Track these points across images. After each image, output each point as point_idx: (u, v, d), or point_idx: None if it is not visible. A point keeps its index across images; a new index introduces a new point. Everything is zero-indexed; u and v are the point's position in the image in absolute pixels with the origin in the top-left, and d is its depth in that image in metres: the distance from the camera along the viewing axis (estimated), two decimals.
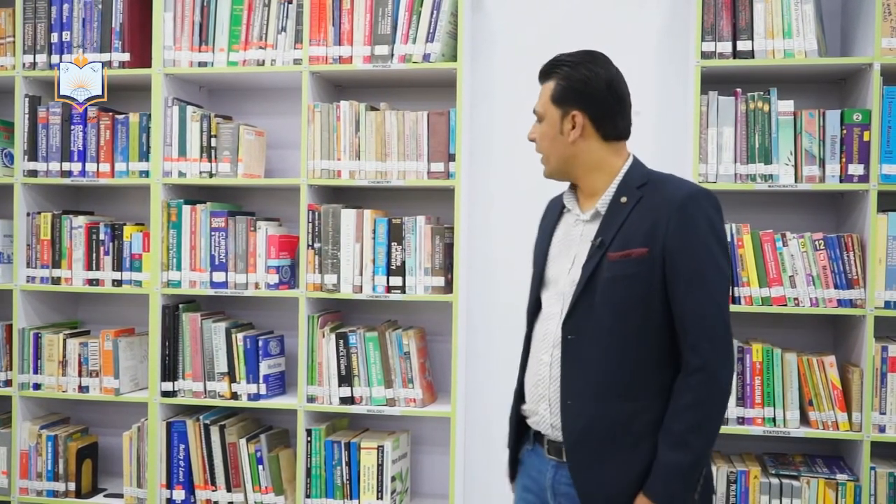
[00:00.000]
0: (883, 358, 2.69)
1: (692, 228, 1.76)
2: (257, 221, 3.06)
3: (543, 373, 1.89)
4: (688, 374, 1.74)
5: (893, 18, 2.68)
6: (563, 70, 1.88)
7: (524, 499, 2.00)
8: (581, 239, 1.89)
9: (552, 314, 1.90)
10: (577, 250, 1.88)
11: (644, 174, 1.90)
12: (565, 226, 1.96)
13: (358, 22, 2.98)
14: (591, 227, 1.89)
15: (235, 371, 3.03)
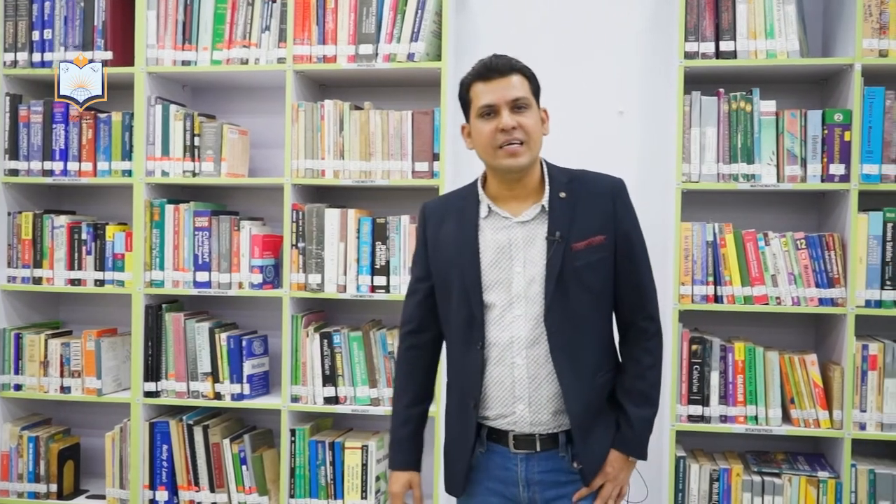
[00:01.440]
0: (864, 356, 2.71)
1: (631, 212, 2.01)
2: (241, 221, 3.05)
3: (519, 375, 1.92)
4: (647, 340, 2.02)
5: (874, 19, 2.71)
6: (522, 67, 1.95)
7: (488, 502, 2.00)
8: (525, 240, 1.93)
9: (514, 317, 1.92)
10: (526, 251, 1.92)
11: (563, 170, 2.02)
12: (492, 231, 1.95)
13: (342, 21, 2.97)
14: (533, 226, 1.94)
15: (219, 371, 3.02)
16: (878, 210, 2.72)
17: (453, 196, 2.07)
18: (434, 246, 2.02)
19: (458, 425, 2.01)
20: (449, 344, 2.05)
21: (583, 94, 3.15)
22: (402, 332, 2.11)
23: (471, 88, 1.95)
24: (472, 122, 1.97)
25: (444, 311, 2.01)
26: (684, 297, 2.79)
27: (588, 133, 3.15)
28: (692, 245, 2.80)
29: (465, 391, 1.97)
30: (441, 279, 2.00)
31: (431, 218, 2.04)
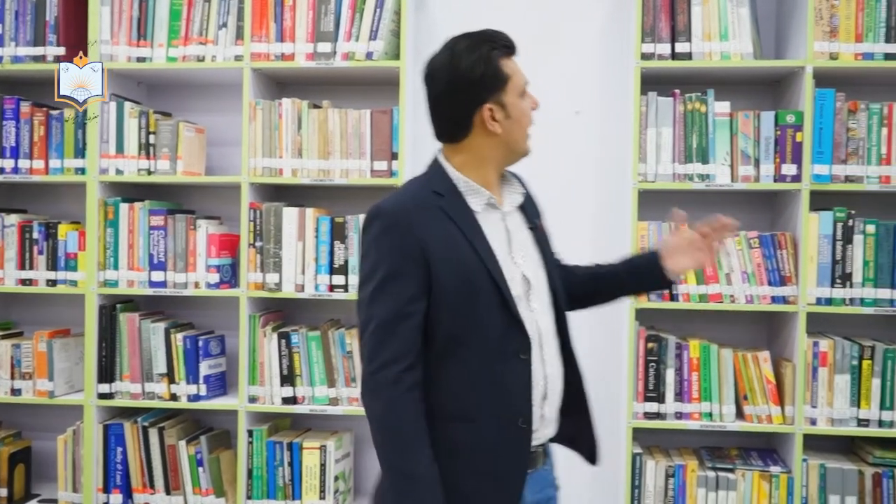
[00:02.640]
0: (814, 353, 2.77)
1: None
2: (197, 220, 3.01)
3: (550, 372, 1.78)
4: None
5: (825, 23, 2.76)
6: None
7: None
8: (515, 230, 1.82)
9: (535, 312, 1.77)
10: (519, 241, 1.81)
11: None
12: (489, 225, 1.77)
13: (300, 19, 2.95)
14: (515, 216, 1.85)
15: (175, 372, 2.98)
16: (829, 210, 2.78)
17: (419, 192, 1.77)
18: (436, 249, 1.68)
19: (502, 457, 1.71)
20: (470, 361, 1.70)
21: (540, 94, 3.13)
22: (398, 371, 1.65)
23: (502, 63, 1.76)
24: (510, 102, 1.76)
25: (462, 324, 1.69)
26: (641, 296, 2.82)
27: (545, 133, 3.14)
28: (648, 244, 2.83)
29: (510, 411, 1.71)
30: (460, 288, 1.68)
31: (416, 220, 1.69)
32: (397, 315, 1.66)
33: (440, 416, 1.69)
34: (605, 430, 3.09)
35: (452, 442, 1.69)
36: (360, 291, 1.73)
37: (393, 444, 1.65)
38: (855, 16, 2.76)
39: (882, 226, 2.77)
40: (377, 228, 1.71)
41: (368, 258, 1.71)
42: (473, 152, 1.79)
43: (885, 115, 2.77)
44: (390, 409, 1.65)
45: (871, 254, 2.76)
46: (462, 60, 1.74)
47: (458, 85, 1.74)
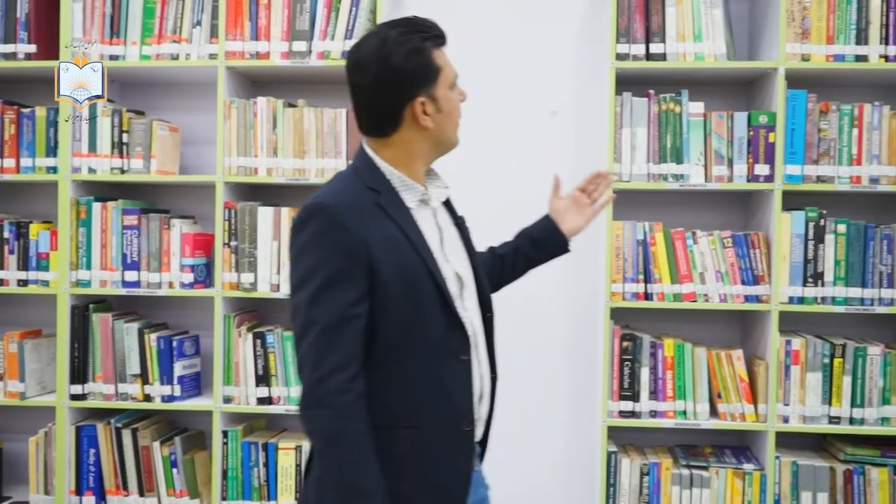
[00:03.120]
0: (787, 351, 2.79)
1: None
2: (171, 219, 2.99)
3: (484, 372, 1.75)
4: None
5: (797, 24, 2.79)
6: None
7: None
8: (445, 225, 1.78)
9: (470, 307, 1.74)
10: (448, 238, 1.77)
11: None
12: (423, 220, 1.71)
13: (275, 17, 2.94)
14: (442, 212, 1.80)
15: (148, 372, 2.96)
16: (801, 209, 2.81)
17: (355, 189, 1.68)
18: (379, 249, 1.61)
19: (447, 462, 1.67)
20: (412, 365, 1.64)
21: (515, 94, 3.18)
22: (345, 379, 1.56)
23: (434, 55, 1.68)
24: (442, 95, 1.69)
25: (405, 327, 1.63)
26: (615, 295, 2.84)
27: (520, 133, 3.18)
28: (623, 244, 2.85)
29: (454, 414, 1.67)
30: (403, 289, 1.62)
31: (356, 219, 1.61)
32: (341, 319, 1.57)
33: (382, 424, 1.61)
34: (581, 429, 3.13)
35: (396, 449, 1.62)
36: (295, 294, 1.61)
37: (343, 458, 1.56)
38: (826, 18, 2.79)
39: (853, 225, 2.80)
40: (315, 227, 1.60)
41: (305, 259, 1.61)
42: (404, 147, 1.70)
43: (855, 117, 2.80)
44: (340, 421, 1.55)
45: (843, 253, 2.79)
46: (393, 51, 1.64)
47: (388, 77, 1.65)
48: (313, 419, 1.58)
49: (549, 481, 3.20)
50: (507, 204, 3.14)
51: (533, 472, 3.17)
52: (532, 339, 3.16)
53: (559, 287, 3.16)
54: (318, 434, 1.58)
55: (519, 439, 3.13)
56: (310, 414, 1.58)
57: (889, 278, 2.79)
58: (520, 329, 3.13)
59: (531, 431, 3.15)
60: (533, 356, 3.15)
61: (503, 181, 3.16)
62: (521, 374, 3.13)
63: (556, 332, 3.18)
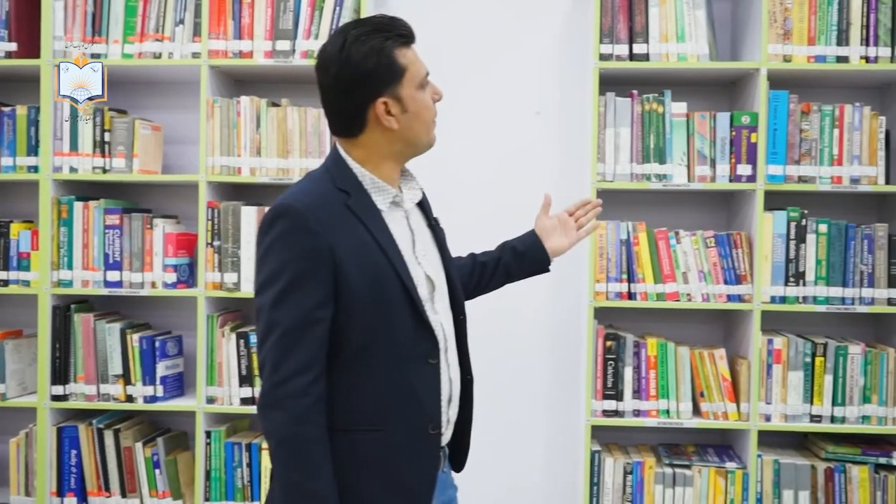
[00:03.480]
0: (769, 350, 2.81)
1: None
2: (154, 219, 2.98)
3: (453, 375, 1.74)
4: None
5: (779, 25, 2.81)
6: None
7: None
8: (416, 228, 1.76)
9: (440, 310, 1.73)
10: (421, 240, 1.75)
11: None
12: (394, 223, 1.70)
13: (259, 16, 2.93)
14: (415, 213, 1.78)
15: (131, 373, 2.94)
16: (783, 209, 2.83)
17: (325, 190, 1.66)
18: (346, 252, 1.60)
19: (413, 465, 1.66)
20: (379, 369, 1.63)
21: (500, 94, 3.18)
22: (305, 383, 1.55)
23: (397, 53, 1.64)
24: (407, 95, 1.66)
25: (373, 331, 1.62)
26: (599, 295, 2.84)
27: (505, 133, 3.18)
28: (607, 243, 2.86)
29: (421, 418, 1.66)
30: (371, 293, 1.61)
31: (324, 221, 1.60)
32: (304, 322, 1.56)
33: (347, 428, 1.61)
34: (564, 428, 3.14)
35: (361, 453, 1.62)
36: (259, 295, 1.60)
37: (296, 461, 1.55)
38: (808, 19, 2.81)
39: (834, 225, 2.82)
40: (282, 228, 1.58)
41: (271, 259, 1.59)
42: (372, 148, 1.68)
43: (836, 117, 2.82)
44: (296, 425, 1.55)
45: (824, 253, 2.81)
46: (352, 51, 1.61)
47: (348, 77, 1.62)
48: (270, 421, 1.57)
49: (533, 480, 3.21)
50: (492, 204, 3.16)
51: (517, 471, 3.18)
52: (516, 338, 3.17)
53: (543, 287, 3.15)
54: (274, 436, 1.58)
55: (503, 439, 3.13)
56: (267, 415, 1.58)
57: (869, 278, 2.81)
58: (504, 329, 3.14)
59: (515, 431, 3.16)
60: (517, 356, 3.15)
61: (487, 181, 3.16)
62: (505, 373, 3.13)
63: (540, 332, 3.19)
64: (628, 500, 2.85)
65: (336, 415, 1.61)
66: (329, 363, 1.61)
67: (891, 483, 2.79)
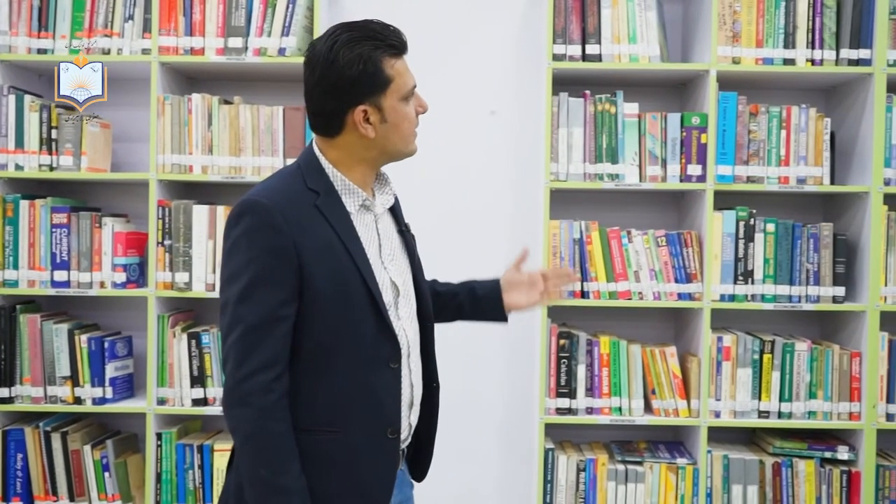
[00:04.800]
0: (718, 348, 2.86)
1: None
2: (103, 217, 2.93)
3: (415, 381, 1.75)
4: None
5: (728, 28, 2.85)
6: None
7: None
8: (385, 233, 1.76)
9: (404, 316, 1.74)
10: (389, 245, 1.76)
11: None
12: (362, 226, 1.70)
13: (210, 13, 2.90)
14: (385, 218, 1.78)
15: (79, 374, 2.89)
16: (732, 209, 2.88)
17: (294, 189, 1.66)
18: (311, 251, 1.60)
19: (370, 468, 1.66)
20: (339, 370, 1.64)
21: (455, 94, 3.18)
22: (268, 380, 1.56)
23: (385, 64, 1.64)
24: (389, 106, 1.65)
25: (334, 332, 1.62)
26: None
27: (460, 132, 3.19)
28: (560, 242, 2.88)
29: (379, 421, 1.66)
30: (333, 294, 1.61)
31: (290, 219, 1.60)
32: (267, 319, 1.57)
33: (306, 428, 1.62)
34: (518, 426, 3.16)
35: (319, 453, 1.63)
36: (224, 290, 1.61)
37: (263, 457, 1.57)
38: (756, 22, 2.86)
39: (781, 224, 2.88)
40: (248, 224, 1.59)
41: (236, 255, 1.59)
42: (347, 151, 1.69)
43: (783, 119, 2.88)
44: (261, 421, 1.56)
45: (771, 252, 2.87)
46: (340, 55, 1.61)
47: (332, 80, 1.63)
48: (235, 418, 1.59)
49: (488, 479, 3.22)
50: (446, 203, 3.16)
51: (470, 470, 3.19)
52: (469, 337, 3.16)
53: None
54: (240, 433, 1.59)
55: (457, 438, 3.13)
56: (232, 412, 1.59)
57: (815, 276, 2.87)
58: (457, 328, 3.13)
59: (469, 429, 3.16)
60: (470, 354, 3.16)
61: (442, 180, 3.17)
62: (459, 372, 3.13)
63: (494, 331, 3.17)
64: (581, 498, 2.87)
65: (295, 414, 1.61)
66: (290, 362, 1.61)
67: (835, 476, 2.85)
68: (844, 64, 2.85)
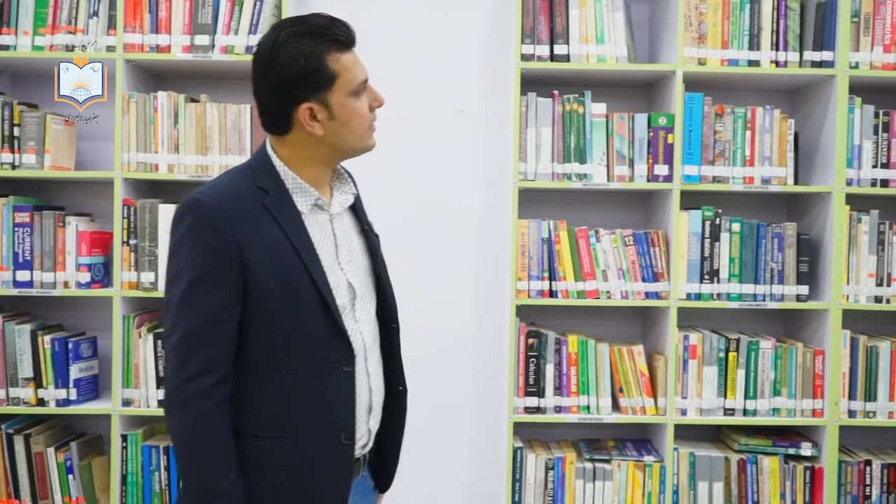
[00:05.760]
0: (685, 346, 2.88)
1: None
2: (67, 217, 2.89)
3: (374, 385, 1.72)
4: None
5: (694, 29, 2.88)
6: None
7: None
8: (342, 234, 1.72)
9: (359, 321, 1.70)
10: (347, 246, 1.72)
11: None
12: (315, 226, 1.66)
13: (177, 10, 2.87)
14: (345, 218, 1.75)
15: (42, 376, 2.85)
16: (698, 209, 2.91)
17: (242, 187, 1.63)
18: (256, 252, 1.57)
19: (323, 474, 1.63)
20: (288, 373, 1.60)
21: (423, 93, 3.18)
22: (208, 384, 1.53)
23: (329, 59, 1.59)
24: (336, 103, 1.61)
25: (281, 334, 1.59)
26: (521, 293, 2.87)
27: (428, 131, 3.19)
28: (528, 242, 2.89)
29: (332, 426, 1.63)
30: (280, 296, 1.58)
31: (234, 219, 1.56)
32: (209, 321, 1.54)
33: (254, 433, 1.60)
34: (487, 426, 3.16)
35: (267, 460, 1.60)
36: (167, 290, 1.58)
37: (198, 463, 1.55)
38: (721, 23, 2.89)
39: (746, 224, 2.91)
40: (190, 223, 1.56)
41: (179, 255, 1.57)
42: (297, 149, 1.65)
43: (748, 119, 2.91)
44: (198, 426, 1.54)
45: (737, 251, 2.90)
46: (280, 52, 1.58)
47: (274, 79, 1.60)
48: (173, 420, 1.57)
49: (456, 478, 3.22)
50: (414, 202, 3.16)
51: (439, 469, 3.19)
52: (438, 336, 3.18)
53: (466, 285, 3.18)
54: (177, 436, 1.58)
55: (426, 437, 3.13)
56: (171, 415, 1.58)
57: (779, 275, 2.91)
58: (426, 327, 3.14)
59: (437, 429, 3.16)
60: (439, 354, 3.16)
61: (410, 179, 3.16)
62: (428, 371, 3.13)
63: (463, 330, 3.20)
64: (549, 496, 2.89)
65: (242, 419, 1.59)
66: (236, 365, 1.59)
67: (799, 472, 2.89)
68: (808, 66, 2.89)
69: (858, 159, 2.90)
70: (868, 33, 2.89)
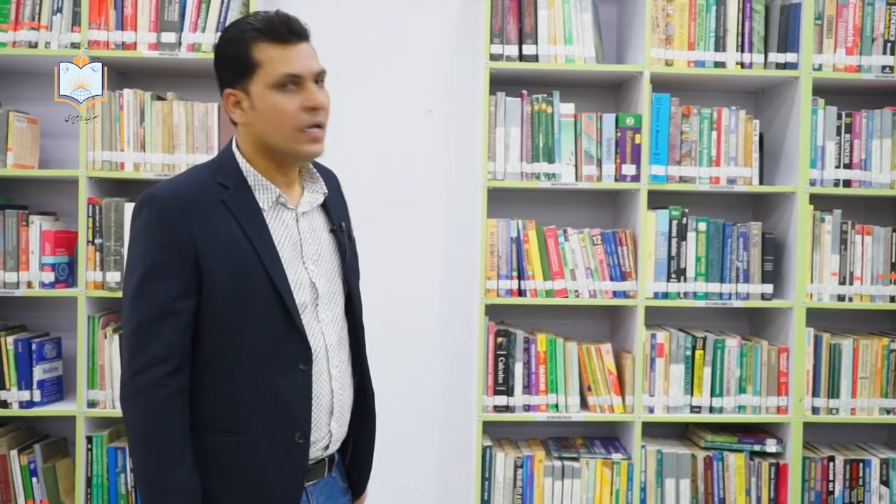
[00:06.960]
0: (652, 344, 2.91)
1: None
2: (30, 216, 2.85)
3: (337, 386, 1.70)
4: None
5: (661, 31, 2.91)
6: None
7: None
8: (310, 233, 1.71)
9: (322, 322, 1.69)
10: (315, 245, 1.71)
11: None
12: (277, 224, 1.65)
13: (142, 7, 2.84)
14: (314, 217, 1.73)
15: (5, 377, 2.80)
16: (665, 208, 2.93)
17: (201, 182, 1.63)
18: (210, 247, 1.57)
19: (273, 473, 1.61)
20: (239, 369, 1.60)
21: (392, 92, 3.18)
22: (160, 375, 1.53)
23: (256, 48, 1.59)
24: (256, 93, 1.60)
25: (233, 329, 1.59)
26: (490, 292, 2.88)
27: (396, 131, 3.18)
28: (497, 241, 2.89)
29: (285, 424, 1.61)
30: (232, 290, 1.57)
31: (190, 213, 1.57)
32: (160, 313, 1.54)
33: (204, 427, 1.59)
34: (456, 424, 3.17)
35: (217, 454, 1.59)
36: (124, 283, 1.60)
37: (149, 455, 1.55)
38: (688, 25, 2.92)
39: (712, 223, 2.94)
40: (146, 217, 1.58)
41: (135, 248, 1.59)
42: (243, 141, 1.67)
43: (714, 120, 2.95)
44: (149, 417, 1.53)
45: (703, 250, 2.93)
46: (220, 38, 1.66)
47: (214, 63, 1.66)
48: (126, 412, 1.58)
49: (425, 477, 3.22)
50: (382, 202, 3.16)
51: (408, 468, 3.19)
52: (407, 335, 3.18)
53: (434, 284, 3.19)
54: (130, 428, 1.58)
55: (395, 436, 3.13)
56: (124, 407, 1.58)
57: (745, 274, 2.94)
58: (395, 326, 3.14)
59: (406, 427, 3.16)
60: (408, 353, 3.16)
61: (378, 179, 3.16)
62: (396, 370, 3.13)
63: (432, 329, 3.20)
64: (518, 495, 2.90)
65: (198, 413, 1.59)
66: (192, 359, 1.60)
67: (764, 469, 2.93)
68: (772, 67, 2.93)
69: (822, 160, 2.95)
70: (831, 36, 2.94)
